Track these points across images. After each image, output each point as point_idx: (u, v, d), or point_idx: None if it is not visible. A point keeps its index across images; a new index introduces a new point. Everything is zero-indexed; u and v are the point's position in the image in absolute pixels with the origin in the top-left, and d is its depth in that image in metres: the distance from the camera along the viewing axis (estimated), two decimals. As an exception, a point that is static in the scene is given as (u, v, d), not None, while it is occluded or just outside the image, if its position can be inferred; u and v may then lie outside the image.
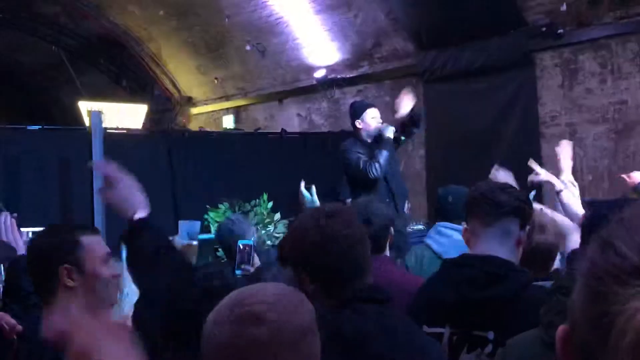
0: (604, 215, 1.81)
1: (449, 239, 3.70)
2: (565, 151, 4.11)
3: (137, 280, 2.15)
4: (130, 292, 2.74)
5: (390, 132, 5.55)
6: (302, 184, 4.14)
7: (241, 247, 3.58)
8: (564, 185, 3.81)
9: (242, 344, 1.22)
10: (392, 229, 3.39)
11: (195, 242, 4.05)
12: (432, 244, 3.79)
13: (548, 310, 1.75)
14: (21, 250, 2.71)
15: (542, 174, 4.01)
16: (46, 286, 2.10)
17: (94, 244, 2.17)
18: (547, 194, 4.59)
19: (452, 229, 3.73)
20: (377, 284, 2.00)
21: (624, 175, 4.58)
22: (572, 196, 3.71)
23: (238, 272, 3.37)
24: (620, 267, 0.64)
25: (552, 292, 1.81)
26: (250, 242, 3.61)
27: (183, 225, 4.22)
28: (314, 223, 1.92)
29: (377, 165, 5.34)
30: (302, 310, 1.31)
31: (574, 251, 2.84)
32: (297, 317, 1.29)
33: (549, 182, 3.95)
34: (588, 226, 2.36)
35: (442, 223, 3.83)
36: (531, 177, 4.05)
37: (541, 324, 1.77)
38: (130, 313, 2.23)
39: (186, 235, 4.05)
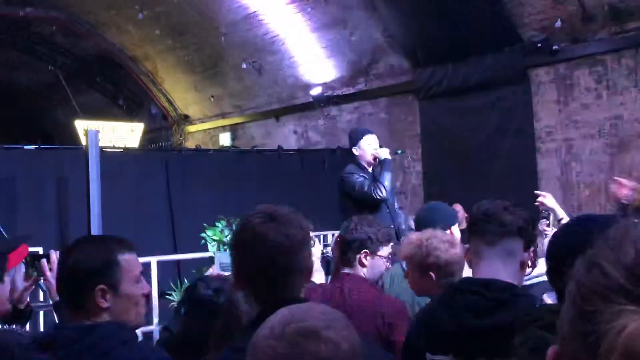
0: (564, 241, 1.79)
1: None
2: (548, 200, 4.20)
3: None
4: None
5: (385, 154, 5.61)
6: None
7: None
8: (565, 214, 3.99)
9: (303, 359, 1.24)
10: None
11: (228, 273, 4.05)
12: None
13: (523, 343, 1.70)
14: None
15: (548, 201, 4.08)
16: (78, 302, 2.06)
17: (130, 263, 2.11)
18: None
19: None
20: None
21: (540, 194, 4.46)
22: None
23: None
24: (605, 286, 0.66)
25: (528, 322, 1.74)
26: None
27: (219, 255, 4.15)
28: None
29: (381, 186, 5.40)
30: (353, 332, 1.32)
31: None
32: (350, 338, 1.30)
33: (552, 210, 4.07)
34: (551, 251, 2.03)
35: None
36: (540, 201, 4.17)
37: (515, 355, 1.71)
38: None
39: (219, 266, 3.97)
